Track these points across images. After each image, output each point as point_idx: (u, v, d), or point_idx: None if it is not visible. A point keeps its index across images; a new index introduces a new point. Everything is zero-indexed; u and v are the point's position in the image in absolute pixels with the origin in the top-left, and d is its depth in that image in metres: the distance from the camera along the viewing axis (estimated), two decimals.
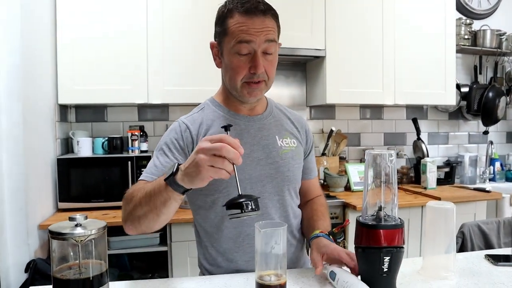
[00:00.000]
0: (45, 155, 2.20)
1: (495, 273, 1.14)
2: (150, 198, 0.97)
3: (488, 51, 3.27)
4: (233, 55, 1.12)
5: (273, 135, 1.24)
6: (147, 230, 1.04)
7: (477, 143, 3.50)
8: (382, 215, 0.96)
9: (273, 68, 1.17)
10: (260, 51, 1.11)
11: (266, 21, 1.11)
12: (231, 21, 1.11)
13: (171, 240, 2.20)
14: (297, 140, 1.30)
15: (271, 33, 1.12)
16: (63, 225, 0.78)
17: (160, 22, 2.42)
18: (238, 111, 1.24)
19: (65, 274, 0.77)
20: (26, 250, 1.89)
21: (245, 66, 1.12)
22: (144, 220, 1.01)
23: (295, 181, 1.27)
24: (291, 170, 1.24)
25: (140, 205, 0.99)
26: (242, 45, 1.10)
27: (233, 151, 0.85)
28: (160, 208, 0.96)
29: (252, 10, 1.09)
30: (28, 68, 1.96)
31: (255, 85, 1.14)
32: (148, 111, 2.80)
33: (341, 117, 3.16)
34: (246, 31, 1.08)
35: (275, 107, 1.33)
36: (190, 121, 1.22)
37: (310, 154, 1.37)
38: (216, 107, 1.25)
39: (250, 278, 1.08)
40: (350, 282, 0.96)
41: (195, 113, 1.26)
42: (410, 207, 2.49)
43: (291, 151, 1.25)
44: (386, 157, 0.96)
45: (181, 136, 1.18)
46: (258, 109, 1.26)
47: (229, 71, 1.16)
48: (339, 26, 2.70)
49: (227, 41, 1.13)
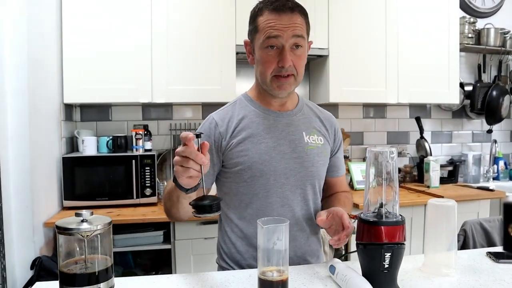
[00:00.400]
0: (50, 154, 2.23)
1: (496, 270, 1.14)
2: (170, 196, 1.12)
3: (492, 49, 3.26)
4: (262, 50, 1.19)
5: (300, 131, 1.29)
6: (180, 219, 1.19)
7: (481, 141, 3.49)
8: (383, 212, 0.97)
9: (301, 62, 1.22)
10: (288, 46, 1.17)
11: (293, 17, 1.17)
12: (261, 19, 1.19)
13: (174, 238, 2.22)
14: (324, 138, 1.34)
15: (299, 28, 1.18)
16: (70, 221, 0.79)
17: (165, 21, 2.43)
18: (269, 106, 1.29)
19: (72, 269, 0.79)
20: (31, 248, 1.91)
21: (274, 60, 1.18)
22: (175, 211, 1.15)
23: (319, 177, 1.32)
24: (315, 166, 1.29)
25: (168, 199, 1.15)
26: (270, 40, 1.16)
27: (195, 152, 0.92)
28: (177, 205, 1.11)
29: (280, 7, 1.16)
30: (34, 68, 1.98)
31: (283, 79, 1.20)
32: (152, 110, 2.81)
33: (344, 116, 3.17)
34: (274, 27, 1.15)
35: (306, 105, 1.37)
36: (220, 116, 1.27)
37: (338, 152, 1.41)
38: (248, 101, 1.31)
39: (253, 275, 1.09)
40: (349, 275, 0.97)
41: (227, 107, 1.31)
42: (413, 206, 2.49)
43: (317, 148, 1.30)
44: (387, 154, 0.97)
45: (212, 132, 1.25)
46: (288, 105, 1.32)
47: (259, 66, 1.22)
48: (342, 25, 2.71)
49: (258, 38, 1.20)
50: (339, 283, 1.01)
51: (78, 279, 0.78)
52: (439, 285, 1.05)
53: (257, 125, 1.25)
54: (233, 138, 1.23)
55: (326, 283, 1.06)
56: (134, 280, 1.11)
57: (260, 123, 1.25)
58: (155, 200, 2.41)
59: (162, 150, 2.78)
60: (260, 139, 1.23)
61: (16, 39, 1.83)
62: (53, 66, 2.26)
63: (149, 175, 2.37)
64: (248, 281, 1.07)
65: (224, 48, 2.51)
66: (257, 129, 1.24)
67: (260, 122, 1.26)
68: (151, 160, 2.39)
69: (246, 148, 1.22)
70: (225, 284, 1.06)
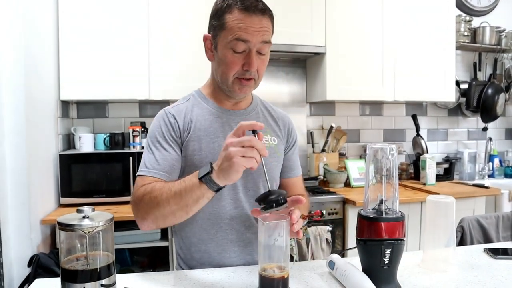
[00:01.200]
0: (47, 151, 2.22)
1: (494, 266, 1.16)
2: (181, 197, 1.00)
3: (488, 48, 3.28)
4: (228, 50, 1.13)
5: None
6: (170, 225, 1.09)
7: (476, 139, 3.52)
8: (383, 208, 0.98)
9: (264, 67, 1.19)
10: (254, 50, 1.13)
11: (263, 20, 1.12)
12: (229, 17, 1.12)
13: (172, 235, 2.21)
14: (278, 138, 1.30)
15: (267, 34, 1.14)
16: (71, 217, 0.79)
17: (162, 18, 2.43)
18: (223, 105, 1.26)
19: (73, 265, 0.79)
20: (28, 245, 1.90)
21: (239, 62, 1.13)
22: (172, 217, 1.04)
23: (271, 178, 1.27)
24: (268, 166, 1.23)
25: (168, 204, 1.02)
26: (239, 42, 1.11)
27: (261, 142, 0.91)
28: (191, 206, 1.00)
29: (252, 8, 1.10)
30: (31, 64, 1.96)
31: (246, 82, 1.16)
32: (149, 107, 2.81)
33: (341, 113, 3.18)
34: (244, 29, 1.10)
35: (260, 104, 1.34)
36: (176, 111, 1.22)
37: (291, 152, 1.36)
38: (202, 99, 1.26)
39: (253, 271, 1.09)
40: (348, 271, 0.98)
41: (181, 103, 1.26)
42: (410, 203, 2.51)
43: (270, 148, 1.26)
44: (387, 151, 0.97)
45: (171, 127, 1.19)
46: (242, 105, 1.29)
47: (221, 66, 1.17)
48: (339, 23, 2.71)
49: (224, 36, 1.13)
50: (338, 278, 1.02)
51: (79, 275, 0.78)
52: (438, 280, 1.06)
53: (210, 123, 1.21)
54: (187, 135, 1.19)
55: (326, 278, 1.06)
56: (135, 277, 1.11)
57: (213, 121, 1.22)
58: None
59: None
60: (213, 138, 1.20)
61: (13, 35, 1.82)
62: (49, 63, 2.25)
63: None
64: (248, 278, 1.07)
65: None
66: (210, 128, 1.20)
67: (213, 120, 1.22)
68: None
69: (199, 147, 1.18)
70: (225, 280, 1.06)
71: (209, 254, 1.22)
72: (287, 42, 2.58)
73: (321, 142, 3.02)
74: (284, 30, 2.49)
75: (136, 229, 2.21)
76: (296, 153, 1.38)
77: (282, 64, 3.01)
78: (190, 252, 1.24)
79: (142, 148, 2.50)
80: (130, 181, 2.35)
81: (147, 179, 1.12)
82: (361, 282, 0.94)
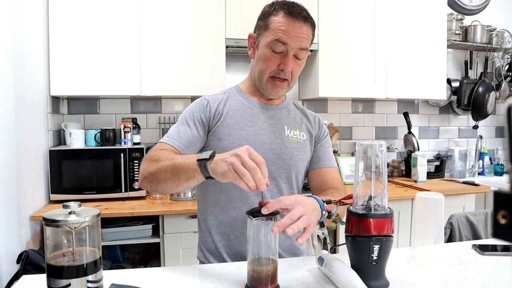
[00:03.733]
0: (37, 147, 2.20)
1: (482, 262, 1.17)
2: (177, 170, 1.05)
3: (479, 46, 3.30)
4: (268, 49, 1.22)
5: (282, 124, 1.33)
6: (162, 192, 1.22)
7: (467, 137, 3.54)
8: (372, 204, 0.98)
9: (299, 70, 1.27)
10: (291, 53, 1.21)
11: (304, 27, 1.21)
12: (274, 19, 1.21)
13: (163, 231, 2.21)
14: (307, 134, 1.37)
15: (305, 41, 1.22)
16: (57, 213, 0.78)
17: (153, 14, 2.41)
18: (257, 99, 1.34)
19: (59, 261, 0.78)
20: (17, 241, 1.89)
21: (276, 61, 1.22)
22: (163, 185, 1.10)
23: (296, 171, 1.32)
24: (293, 159, 1.31)
25: (166, 171, 1.08)
26: (278, 43, 1.20)
27: (259, 178, 0.90)
28: (182, 182, 1.06)
29: (295, 14, 1.19)
30: (20, 59, 1.94)
31: (279, 82, 1.25)
32: (140, 104, 2.79)
33: (333, 110, 3.18)
34: (285, 32, 1.19)
35: (292, 104, 1.42)
36: (212, 99, 1.31)
37: (319, 144, 1.40)
38: (238, 92, 1.35)
39: (242, 267, 1.09)
40: (337, 267, 0.98)
41: (218, 94, 1.35)
42: (400, 200, 2.52)
43: (298, 143, 1.33)
44: (377, 148, 0.97)
45: (203, 110, 1.28)
46: (275, 102, 1.36)
47: (259, 63, 1.26)
48: (332, 20, 2.71)
49: (266, 35, 1.22)
50: (327, 274, 1.02)
51: (65, 271, 0.78)
52: (425, 277, 1.06)
53: (241, 113, 1.29)
54: (218, 121, 1.27)
55: (315, 274, 1.07)
56: (123, 273, 1.10)
57: (244, 112, 1.30)
58: (144, 194, 2.40)
59: (151, 143, 2.76)
60: (242, 126, 1.27)
61: (1, 30, 1.79)
62: (39, 58, 2.23)
63: (138, 168, 2.35)
64: (238, 273, 1.07)
65: (214, 41, 2.50)
66: (240, 117, 1.28)
67: (244, 110, 1.30)
68: (139, 153, 2.37)
69: (228, 132, 1.25)
70: (214, 276, 1.06)
71: (228, 236, 1.27)
72: None
73: None
74: None
75: (128, 226, 2.21)
76: (326, 146, 1.42)
77: None
78: (211, 234, 1.29)
79: (133, 144, 2.49)
80: (121, 177, 2.34)
81: (164, 145, 1.21)
82: (349, 278, 0.94)
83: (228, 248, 1.28)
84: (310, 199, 1.02)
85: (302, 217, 0.93)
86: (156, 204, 2.28)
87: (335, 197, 1.12)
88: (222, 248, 1.28)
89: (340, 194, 1.21)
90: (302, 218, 0.93)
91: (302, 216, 0.93)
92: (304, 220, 0.93)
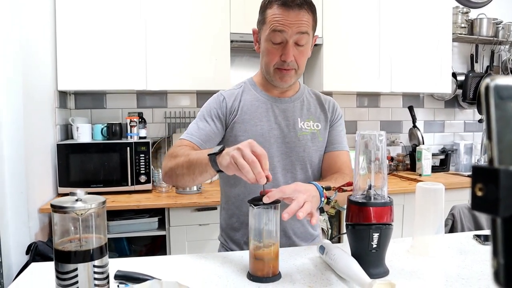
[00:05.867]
0: (45, 141, 2.23)
1: (482, 252, 1.18)
2: (191, 165, 1.12)
3: (485, 39, 3.28)
4: (267, 42, 1.24)
5: (295, 117, 1.35)
6: (182, 186, 1.28)
7: (473, 131, 3.53)
8: (372, 193, 0.99)
9: (303, 57, 1.27)
10: (291, 42, 1.21)
11: (300, 14, 1.20)
12: (269, 12, 1.23)
13: (169, 224, 2.24)
14: (322, 123, 1.38)
15: (304, 25, 1.21)
16: (65, 200, 0.81)
17: (159, 9, 2.43)
18: (270, 93, 1.36)
19: (66, 247, 0.81)
20: (26, 233, 1.93)
21: (277, 53, 1.24)
22: (181, 179, 1.17)
23: (310, 162, 1.35)
24: (307, 151, 1.34)
25: (182, 167, 1.15)
26: (275, 33, 1.21)
27: (257, 172, 0.92)
28: (197, 176, 1.12)
29: (289, 3, 1.19)
30: (28, 54, 1.98)
31: (285, 71, 1.26)
32: (147, 98, 2.82)
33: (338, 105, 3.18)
34: (280, 22, 1.20)
35: (306, 92, 1.42)
36: (228, 94, 1.35)
37: (332, 128, 1.40)
38: (252, 86, 1.38)
39: (245, 256, 1.11)
40: (337, 254, 1.00)
41: (234, 89, 1.39)
42: (405, 193, 2.53)
43: (311, 134, 1.35)
44: (376, 137, 0.99)
45: (219, 105, 1.32)
46: (288, 93, 1.38)
47: (264, 57, 1.28)
48: (336, 14, 2.72)
49: (264, 29, 1.25)
50: (327, 262, 1.04)
51: (73, 256, 0.80)
52: (425, 265, 1.08)
53: (256, 109, 1.32)
54: (234, 117, 1.31)
55: (316, 262, 1.09)
56: (129, 261, 1.13)
57: (259, 107, 1.33)
58: (150, 187, 2.43)
59: (157, 138, 2.79)
60: (256, 121, 1.31)
61: (10, 26, 1.82)
62: (47, 53, 2.26)
63: (144, 162, 2.39)
64: (241, 261, 1.09)
65: (218, 36, 2.52)
66: (255, 112, 1.32)
67: (259, 106, 1.33)
68: (145, 147, 2.40)
69: (244, 128, 1.30)
70: (217, 264, 1.08)
71: (246, 225, 1.30)
72: None
73: None
74: None
75: (134, 218, 2.24)
76: (339, 130, 1.42)
77: None
78: (231, 222, 1.35)
79: (139, 138, 2.52)
80: (127, 171, 2.37)
81: (184, 141, 1.27)
82: (349, 266, 0.96)
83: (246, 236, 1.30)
84: (309, 186, 1.06)
85: (306, 203, 0.98)
86: (162, 197, 2.31)
87: (339, 183, 1.15)
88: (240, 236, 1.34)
89: (345, 179, 1.22)
90: (306, 203, 0.98)
91: (305, 202, 0.98)
92: (309, 205, 0.97)
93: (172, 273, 1.03)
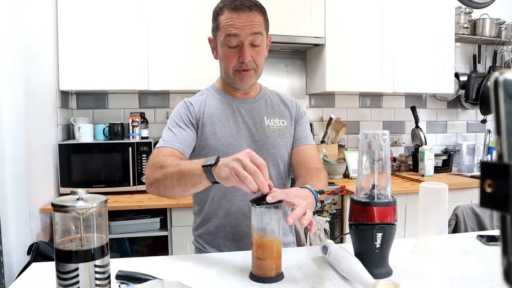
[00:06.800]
0: (46, 141, 2.23)
1: (486, 252, 1.17)
2: (183, 176, 1.07)
3: (487, 40, 3.27)
4: (224, 47, 1.26)
5: (261, 115, 1.38)
6: (169, 197, 1.18)
7: (475, 131, 3.52)
8: (375, 193, 0.99)
9: (260, 57, 1.29)
10: (247, 43, 1.24)
11: (251, 15, 1.23)
12: (221, 17, 1.25)
13: (171, 224, 2.23)
14: (287, 120, 1.41)
15: (256, 26, 1.24)
16: (66, 199, 0.80)
17: (161, 10, 2.43)
18: (233, 95, 1.39)
19: (67, 246, 0.80)
20: (28, 233, 1.92)
21: (235, 56, 1.26)
22: (170, 190, 1.13)
23: (281, 157, 1.38)
24: (276, 147, 1.36)
25: (172, 177, 1.10)
26: (230, 37, 1.23)
27: (260, 181, 0.92)
28: (189, 188, 1.08)
29: (239, 6, 1.22)
30: (30, 54, 1.98)
31: (244, 72, 1.28)
32: (149, 98, 2.82)
33: (340, 105, 3.18)
34: (233, 25, 1.22)
35: (268, 92, 1.46)
36: (193, 100, 1.37)
37: (298, 124, 1.44)
38: (215, 91, 1.41)
39: (247, 256, 1.10)
40: (340, 255, 0.99)
41: (197, 95, 1.41)
42: (407, 194, 2.52)
43: (278, 130, 1.38)
44: (380, 136, 0.98)
45: (188, 111, 1.34)
46: (251, 94, 1.41)
47: (222, 62, 1.31)
48: (338, 13, 2.71)
49: (219, 35, 1.27)
50: (331, 262, 1.03)
51: (74, 256, 0.79)
52: (429, 265, 1.07)
53: (222, 111, 1.34)
54: (202, 120, 1.33)
55: (319, 263, 1.08)
56: (130, 261, 1.12)
57: (225, 109, 1.35)
58: None
59: (159, 138, 2.77)
60: (225, 123, 1.33)
61: (10, 26, 1.82)
62: (49, 53, 2.26)
63: (146, 162, 2.38)
64: (243, 262, 1.09)
65: None
66: (222, 115, 1.34)
67: (224, 108, 1.35)
68: (147, 147, 2.40)
69: (213, 131, 1.31)
70: (219, 265, 1.07)
71: (222, 230, 1.34)
72: (286, 33, 2.58)
73: (320, 134, 3.03)
74: (283, 21, 2.49)
75: (136, 219, 2.24)
76: (304, 126, 1.45)
77: (281, 56, 3.01)
78: (207, 227, 1.36)
79: (141, 138, 2.51)
80: (129, 171, 2.36)
81: (164, 150, 1.25)
82: (352, 266, 0.95)
83: (224, 238, 1.34)
84: (306, 192, 1.06)
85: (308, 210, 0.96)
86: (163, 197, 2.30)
87: (321, 180, 1.21)
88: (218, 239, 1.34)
89: (322, 174, 1.28)
90: (308, 210, 0.96)
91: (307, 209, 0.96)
92: (310, 212, 0.96)
93: (174, 273, 1.03)
